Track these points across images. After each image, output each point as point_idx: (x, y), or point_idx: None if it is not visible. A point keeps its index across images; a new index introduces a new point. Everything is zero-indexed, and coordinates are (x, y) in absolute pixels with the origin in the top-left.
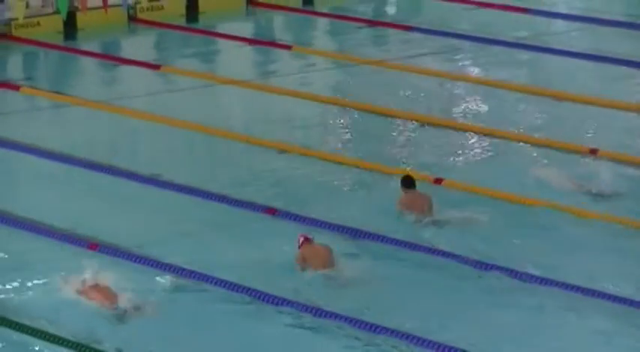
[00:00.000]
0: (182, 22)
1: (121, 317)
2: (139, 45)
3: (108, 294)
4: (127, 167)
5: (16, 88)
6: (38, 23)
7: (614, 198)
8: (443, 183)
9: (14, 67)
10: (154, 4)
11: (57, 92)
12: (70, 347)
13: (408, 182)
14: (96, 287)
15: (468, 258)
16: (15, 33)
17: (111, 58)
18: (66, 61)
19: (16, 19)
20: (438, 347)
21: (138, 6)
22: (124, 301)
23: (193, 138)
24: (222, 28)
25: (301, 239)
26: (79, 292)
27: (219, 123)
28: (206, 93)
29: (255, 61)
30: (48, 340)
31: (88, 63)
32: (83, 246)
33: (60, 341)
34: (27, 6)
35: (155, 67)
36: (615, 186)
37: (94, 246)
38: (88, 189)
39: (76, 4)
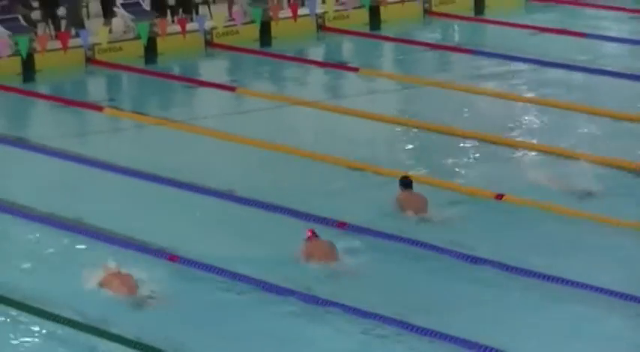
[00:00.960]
0: (256, 46)
1: (140, 305)
2: (215, 68)
3: (129, 283)
4: (204, 183)
5: (100, 108)
6: (120, 48)
7: None
8: (504, 198)
9: (97, 90)
10: (229, 29)
11: (138, 113)
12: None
13: (406, 182)
14: (118, 275)
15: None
16: (98, 57)
17: (189, 80)
18: (146, 83)
19: (100, 44)
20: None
21: (214, 31)
22: (144, 290)
23: (266, 156)
24: (294, 52)
25: (309, 233)
26: (101, 280)
27: (290, 141)
28: (278, 113)
29: (324, 82)
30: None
31: (168, 85)
32: (162, 257)
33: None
34: (110, 31)
35: (230, 88)
36: None
37: (173, 257)
38: (166, 204)
39: (156, 29)
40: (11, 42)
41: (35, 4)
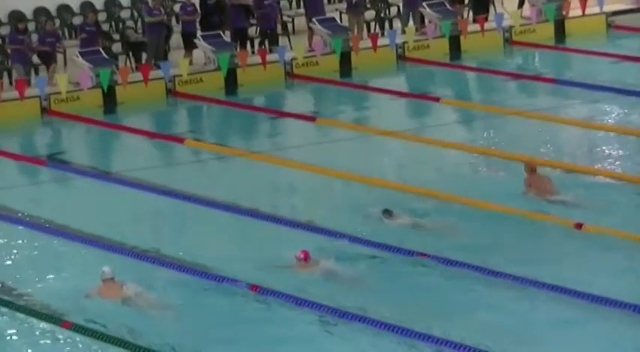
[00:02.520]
0: (336, 76)
1: (141, 311)
2: (295, 99)
3: (118, 290)
4: (284, 214)
5: (181, 140)
6: (201, 80)
7: None
8: (583, 227)
9: (179, 121)
10: (310, 60)
11: (219, 144)
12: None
13: (388, 213)
14: (112, 282)
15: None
16: (179, 89)
17: (269, 111)
18: (227, 114)
19: (181, 75)
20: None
21: (294, 62)
22: (150, 298)
23: (347, 186)
24: (374, 82)
25: (302, 255)
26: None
27: (371, 171)
28: (359, 143)
29: (405, 112)
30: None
31: (248, 116)
32: (244, 288)
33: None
34: (190, 63)
35: (311, 119)
36: None
37: (254, 287)
38: (247, 235)
39: (236, 61)
40: (93, 74)
41: (116, 37)
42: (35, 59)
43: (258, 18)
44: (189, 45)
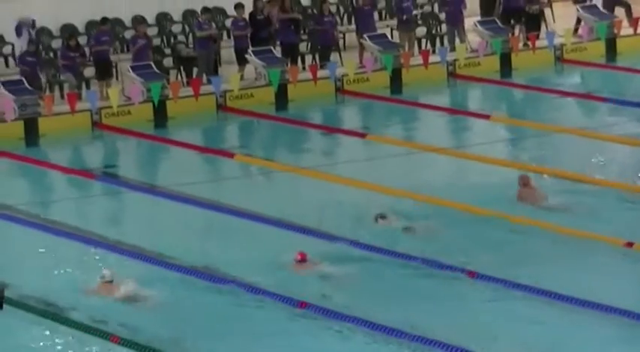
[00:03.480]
0: (386, 93)
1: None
2: (345, 115)
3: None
4: (333, 231)
5: (231, 155)
6: (251, 95)
7: None
8: (634, 246)
9: (229, 136)
10: (360, 76)
11: (269, 159)
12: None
13: (381, 215)
14: (111, 283)
15: None
16: (230, 104)
17: (319, 127)
18: (277, 130)
19: (232, 90)
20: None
21: (345, 78)
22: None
23: (397, 203)
24: (425, 99)
25: (299, 257)
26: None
27: (421, 188)
28: (409, 160)
29: (455, 129)
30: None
31: (298, 132)
32: (292, 305)
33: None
34: (241, 78)
35: (361, 135)
36: None
37: (302, 304)
38: (295, 251)
39: (287, 76)
40: (144, 88)
41: (167, 51)
42: (87, 73)
43: (314, 34)
44: (241, 60)
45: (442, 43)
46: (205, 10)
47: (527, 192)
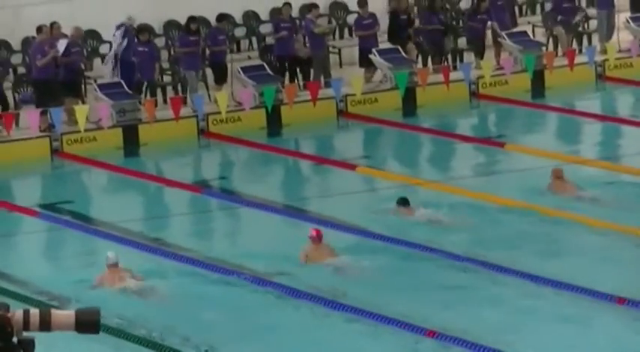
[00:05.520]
0: (527, 97)
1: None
2: (480, 121)
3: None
4: (449, 248)
5: (352, 167)
6: (375, 100)
7: None
8: None
9: (350, 145)
10: (497, 78)
11: (394, 172)
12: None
13: (403, 200)
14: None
15: None
16: (350, 109)
17: (449, 134)
18: (403, 138)
19: (354, 95)
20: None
21: (480, 81)
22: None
23: (518, 219)
24: (570, 104)
25: (314, 232)
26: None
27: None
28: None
29: (605, 137)
30: None
31: (428, 141)
32: (421, 334)
33: None
34: (368, 80)
35: (499, 144)
36: None
37: (431, 333)
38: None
39: (415, 79)
40: (256, 93)
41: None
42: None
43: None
44: (364, 61)
45: (589, 42)
46: (313, 6)
47: (559, 185)
